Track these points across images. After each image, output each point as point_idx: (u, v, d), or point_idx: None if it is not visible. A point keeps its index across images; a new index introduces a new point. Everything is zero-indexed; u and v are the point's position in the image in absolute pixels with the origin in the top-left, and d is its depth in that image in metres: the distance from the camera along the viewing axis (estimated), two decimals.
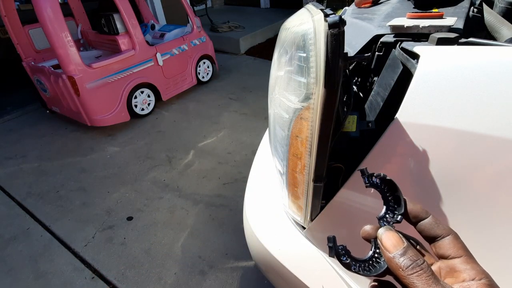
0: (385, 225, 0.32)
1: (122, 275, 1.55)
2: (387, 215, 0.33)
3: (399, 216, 0.31)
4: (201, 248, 1.65)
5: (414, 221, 0.31)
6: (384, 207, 0.33)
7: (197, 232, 1.76)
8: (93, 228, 1.83)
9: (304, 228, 0.71)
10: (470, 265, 0.27)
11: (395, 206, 0.33)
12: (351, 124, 0.61)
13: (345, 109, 0.62)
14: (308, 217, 0.65)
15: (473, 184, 0.48)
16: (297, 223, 0.75)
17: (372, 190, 0.33)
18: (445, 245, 0.29)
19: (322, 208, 0.63)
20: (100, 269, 1.59)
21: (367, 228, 0.33)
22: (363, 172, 0.33)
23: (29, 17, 2.93)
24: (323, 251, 0.71)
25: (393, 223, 0.32)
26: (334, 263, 0.68)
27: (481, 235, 0.49)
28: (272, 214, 0.84)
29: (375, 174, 0.33)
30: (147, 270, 1.56)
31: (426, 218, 0.31)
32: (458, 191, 0.49)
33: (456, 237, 0.29)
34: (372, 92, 0.69)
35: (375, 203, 0.57)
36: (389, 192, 0.33)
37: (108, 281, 1.53)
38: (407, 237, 0.30)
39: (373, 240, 0.32)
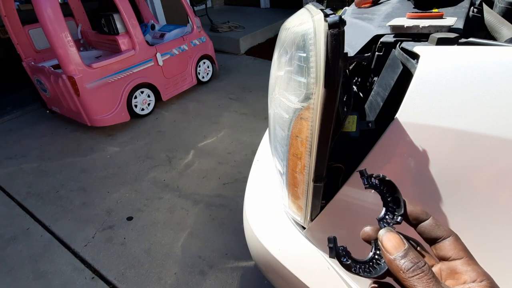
0: (385, 226, 0.31)
1: (122, 275, 1.55)
2: (387, 216, 0.32)
3: (399, 217, 0.31)
4: (201, 248, 1.65)
5: (414, 223, 0.31)
6: (384, 208, 0.33)
7: (197, 232, 1.76)
8: (93, 228, 1.83)
9: (304, 228, 0.71)
10: (471, 266, 0.27)
11: (395, 207, 0.32)
12: (351, 124, 0.61)
13: (345, 109, 0.62)
14: (308, 217, 0.65)
15: (473, 184, 0.48)
16: (297, 223, 0.75)
17: (372, 191, 0.33)
18: (446, 246, 0.29)
19: (322, 208, 0.63)
20: (100, 269, 1.59)
21: (367, 229, 0.33)
22: (362, 173, 0.33)
23: (29, 17, 2.93)
24: (323, 251, 0.71)
25: (393, 224, 0.31)
26: (334, 263, 0.68)
27: (481, 235, 0.49)
28: (272, 214, 0.84)
29: (374, 175, 0.33)
30: (147, 270, 1.56)
31: (427, 219, 0.31)
32: (458, 191, 0.49)
33: (457, 238, 0.29)
34: (372, 92, 0.69)
35: (375, 203, 0.57)
36: (389, 193, 0.33)
37: (108, 281, 1.53)
38: (408, 238, 0.30)
39: (373, 241, 0.32)
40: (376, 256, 0.31)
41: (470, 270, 0.27)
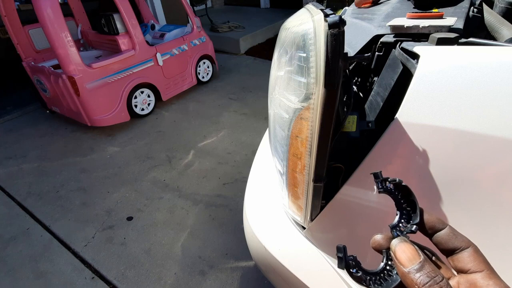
0: (398, 235, 0.29)
1: (122, 275, 1.55)
2: (400, 224, 0.30)
3: (414, 226, 0.29)
4: (201, 248, 1.65)
5: (430, 232, 0.29)
6: (398, 215, 0.31)
7: (197, 232, 1.76)
8: (93, 228, 1.83)
9: (304, 228, 0.71)
10: (492, 280, 0.25)
11: (409, 215, 0.30)
12: (351, 124, 0.61)
13: (345, 109, 0.63)
14: (308, 217, 0.65)
15: (473, 184, 0.48)
16: (297, 223, 0.75)
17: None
18: (465, 258, 0.27)
19: (322, 208, 0.63)
20: (100, 269, 1.59)
21: (378, 238, 0.30)
22: (376, 176, 0.31)
23: (29, 17, 2.93)
24: (323, 251, 0.71)
25: (407, 233, 0.29)
26: (334, 263, 0.68)
27: (482, 235, 0.49)
28: (272, 214, 0.84)
29: (389, 179, 0.30)
30: (147, 270, 1.56)
31: (443, 229, 0.29)
32: (458, 191, 0.49)
33: (476, 250, 0.27)
34: (372, 92, 0.69)
35: (375, 203, 0.57)
36: (404, 199, 0.31)
37: (108, 281, 1.53)
38: (422, 248, 0.28)
39: (384, 250, 0.30)
40: (388, 267, 0.29)
41: (492, 285, 0.25)
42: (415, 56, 0.52)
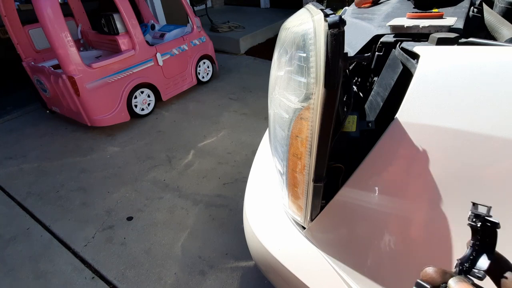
0: (461, 272, 0.27)
1: (122, 275, 1.55)
2: (466, 264, 0.28)
3: (482, 272, 0.26)
4: (201, 248, 1.65)
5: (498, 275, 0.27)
6: (469, 250, 0.28)
7: (197, 232, 1.76)
8: (93, 228, 1.83)
9: (304, 228, 0.71)
10: None
11: (481, 253, 0.28)
12: (351, 124, 0.61)
13: (345, 109, 0.63)
14: (308, 217, 0.65)
15: (473, 184, 0.48)
16: (297, 223, 0.75)
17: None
18: None
19: (322, 208, 0.63)
20: (100, 269, 1.59)
21: (430, 271, 0.28)
22: (476, 208, 0.29)
23: (29, 17, 2.93)
24: (323, 251, 0.71)
25: (473, 276, 0.27)
26: (334, 263, 0.68)
27: None
28: (272, 214, 0.84)
29: (486, 217, 0.28)
30: (147, 270, 1.56)
31: None
32: (458, 191, 0.49)
33: None
34: (372, 92, 0.69)
35: (375, 204, 0.57)
36: (483, 239, 0.28)
37: (108, 281, 1.53)
38: None
39: (442, 285, 0.27)
40: None
41: None
42: (415, 56, 0.52)
